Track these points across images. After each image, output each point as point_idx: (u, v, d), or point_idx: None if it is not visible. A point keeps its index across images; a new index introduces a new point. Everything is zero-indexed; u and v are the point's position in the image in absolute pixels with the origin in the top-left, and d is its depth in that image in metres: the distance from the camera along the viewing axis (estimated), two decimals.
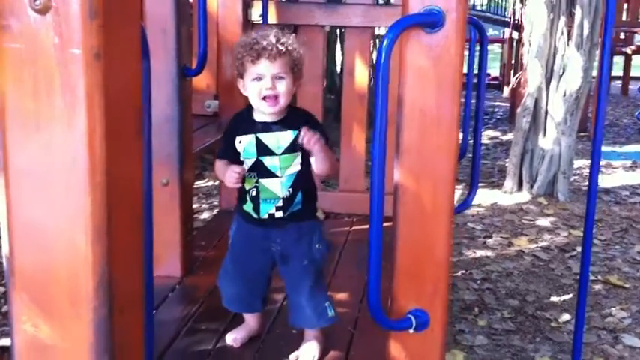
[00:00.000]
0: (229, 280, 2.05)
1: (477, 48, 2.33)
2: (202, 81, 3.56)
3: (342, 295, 2.48)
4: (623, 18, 9.49)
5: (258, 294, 2.05)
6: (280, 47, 1.84)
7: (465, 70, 2.52)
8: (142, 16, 2.36)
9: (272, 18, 3.30)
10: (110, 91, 0.89)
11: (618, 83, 10.16)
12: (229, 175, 1.88)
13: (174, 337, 2.13)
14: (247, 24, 3.35)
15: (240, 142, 1.92)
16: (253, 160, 1.91)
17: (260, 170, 1.91)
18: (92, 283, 0.91)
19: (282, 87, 1.85)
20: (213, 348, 2.07)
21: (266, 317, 2.18)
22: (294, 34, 1.96)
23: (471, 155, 2.23)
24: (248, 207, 1.95)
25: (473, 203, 4.65)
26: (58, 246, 0.92)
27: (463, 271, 3.60)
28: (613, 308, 3.22)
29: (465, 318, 3.08)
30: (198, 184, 4.98)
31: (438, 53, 1.38)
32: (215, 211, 4.01)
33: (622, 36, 9.49)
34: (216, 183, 3.87)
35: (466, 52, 2.44)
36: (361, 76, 3.37)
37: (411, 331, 1.46)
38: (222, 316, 2.22)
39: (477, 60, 2.36)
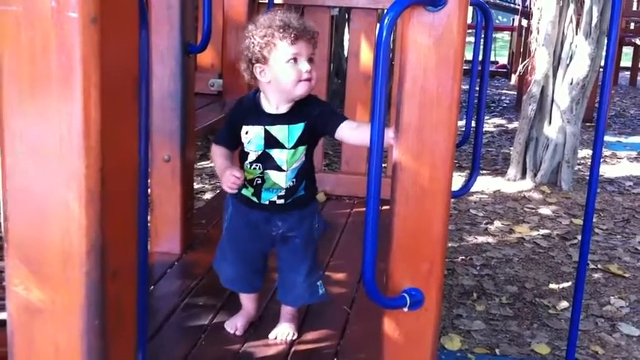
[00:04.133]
0: (228, 264, 2.02)
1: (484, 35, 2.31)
2: (207, 59, 3.55)
3: (340, 276, 2.49)
4: (634, 8, 9.42)
5: (258, 272, 2.03)
6: (311, 28, 1.79)
7: (471, 57, 2.52)
8: None
9: None
10: (106, 55, 0.89)
11: (627, 74, 10.11)
12: (227, 179, 1.78)
13: (172, 311, 2.14)
14: (253, 3, 3.34)
15: (247, 132, 1.84)
16: (260, 152, 1.84)
17: (266, 162, 1.84)
18: (85, 247, 0.92)
19: (314, 70, 1.80)
20: (210, 323, 2.08)
21: (263, 300, 2.16)
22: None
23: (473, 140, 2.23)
24: (247, 192, 1.90)
25: (476, 190, 4.69)
26: (52, 209, 0.92)
27: (463, 257, 3.61)
28: (612, 297, 3.22)
29: (464, 303, 3.09)
30: (202, 164, 4.98)
31: (439, 32, 1.37)
32: (218, 191, 4.02)
33: (632, 26, 9.43)
34: None
35: (473, 39, 2.43)
36: (366, 57, 3.36)
37: (406, 309, 1.46)
38: (220, 293, 2.23)
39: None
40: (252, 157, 1.85)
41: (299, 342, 2.00)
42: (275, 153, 1.83)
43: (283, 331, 2.01)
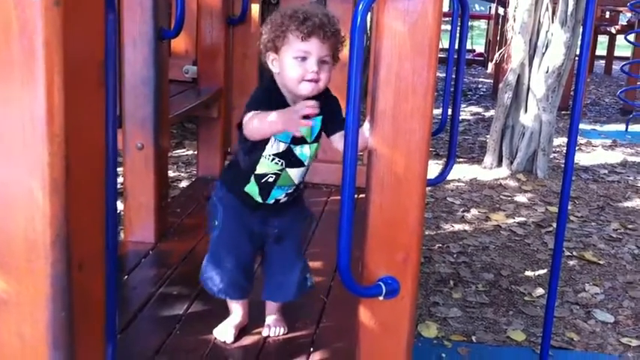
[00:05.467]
0: (222, 269, 1.90)
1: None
2: (181, 46, 3.50)
3: (316, 264, 2.47)
4: None
5: (250, 274, 1.96)
6: (333, 28, 1.69)
7: (447, 45, 2.53)
8: None
9: None
10: (70, 39, 0.86)
11: (602, 63, 10.19)
12: (304, 104, 1.58)
13: (146, 301, 2.11)
14: None
15: None
16: (285, 146, 1.76)
17: (288, 158, 1.77)
18: (49, 237, 0.89)
19: (325, 72, 1.70)
20: (184, 313, 2.06)
21: (250, 304, 2.02)
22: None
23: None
24: (251, 189, 1.82)
25: (452, 178, 4.70)
26: (16, 198, 0.90)
27: (440, 245, 3.62)
28: (587, 284, 3.25)
29: (440, 291, 3.10)
30: (178, 152, 4.94)
31: (414, 19, 1.35)
32: (193, 179, 3.98)
33: (607, 15, 9.49)
34: (196, 152, 3.83)
35: (449, 27, 2.43)
36: None
37: (381, 298, 1.45)
38: (195, 283, 2.20)
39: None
40: (276, 149, 1.76)
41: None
42: (297, 149, 1.78)
43: (275, 329, 1.96)
